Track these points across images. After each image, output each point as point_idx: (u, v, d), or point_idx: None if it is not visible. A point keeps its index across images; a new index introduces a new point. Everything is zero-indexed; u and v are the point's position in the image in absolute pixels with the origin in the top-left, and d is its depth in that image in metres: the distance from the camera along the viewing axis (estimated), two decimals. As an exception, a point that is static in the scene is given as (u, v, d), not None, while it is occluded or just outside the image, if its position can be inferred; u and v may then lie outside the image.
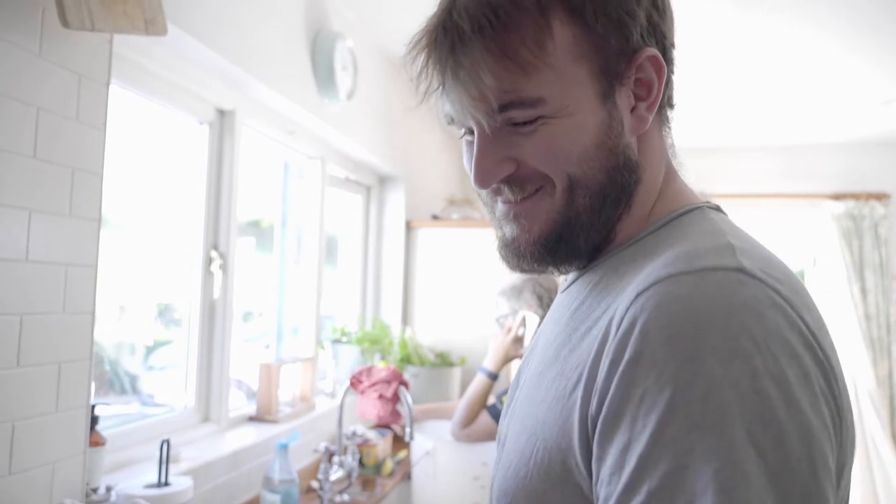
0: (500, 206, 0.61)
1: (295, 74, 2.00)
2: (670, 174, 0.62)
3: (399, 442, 2.67)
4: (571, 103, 0.54)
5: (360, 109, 2.51)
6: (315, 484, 1.90)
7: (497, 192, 0.60)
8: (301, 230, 2.53)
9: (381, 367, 1.88)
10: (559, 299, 0.67)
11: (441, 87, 0.55)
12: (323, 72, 2.09)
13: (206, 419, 1.84)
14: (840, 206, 4.02)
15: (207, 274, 1.83)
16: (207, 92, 1.76)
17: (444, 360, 2.87)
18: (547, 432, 0.52)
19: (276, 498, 1.59)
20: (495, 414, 1.89)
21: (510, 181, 0.58)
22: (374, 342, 2.50)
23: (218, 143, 1.87)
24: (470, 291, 3.07)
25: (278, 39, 1.89)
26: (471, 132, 0.59)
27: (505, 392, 1.96)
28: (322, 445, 1.83)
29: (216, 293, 1.84)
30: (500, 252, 0.63)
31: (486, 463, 2.00)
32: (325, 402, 2.40)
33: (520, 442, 0.56)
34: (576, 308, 0.58)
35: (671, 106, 0.62)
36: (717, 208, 0.60)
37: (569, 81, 0.54)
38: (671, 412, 0.42)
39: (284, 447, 1.63)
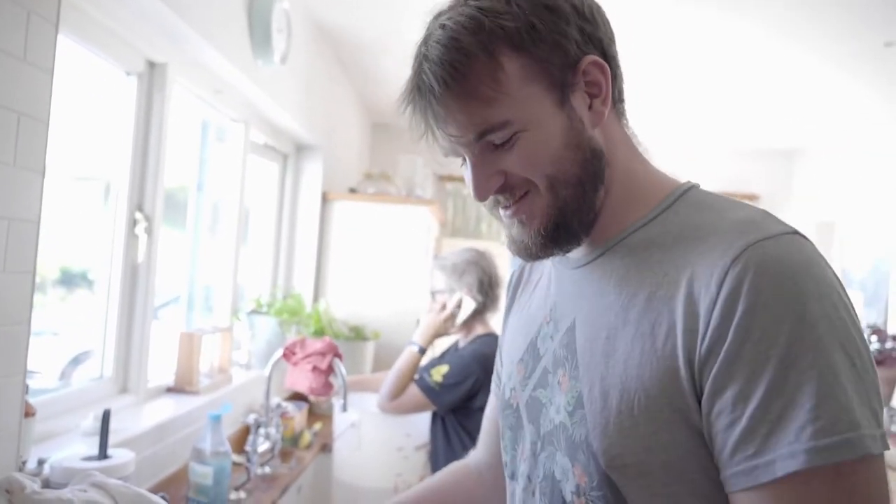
0: (502, 214, 0.72)
1: (231, 32, 1.91)
2: (642, 160, 0.73)
3: (313, 414, 2.66)
4: (534, 117, 0.65)
5: (289, 74, 2.43)
6: (238, 458, 1.86)
7: (496, 203, 0.71)
8: (218, 196, 2.42)
9: (316, 339, 1.87)
10: (573, 275, 0.74)
11: (430, 132, 0.68)
12: (259, 32, 2.01)
13: (124, 390, 1.74)
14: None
15: (131, 237, 1.72)
16: (140, 41, 1.64)
17: (358, 334, 2.87)
18: (647, 383, 0.60)
19: (208, 470, 1.54)
20: (424, 387, 1.94)
21: (502, 191, 0.69)
22: (292, 314, 2.46)
23: (146, 98, 1.75)
24: (385, 266, 3.09)
25: (218, -7, 1.79)
26: (464, 160, 0.71)
27: (432, 366, 2.01)
28: (251, 417, 1.79)
29: (140, 257, 1.74)
30: (511, 249, 0.72)
31: (410, 434, 2.05)
32: (240, 373, 2.34)
33: (612, 399, 0.63)
34: (621, 278, 0.67)
35: (621, 100, 0.72)
36: (698, 185, 0.72)
37: (526, 101, 0.65)
38: (790, 342, 0.54)
39: (217, 418, 1.58)
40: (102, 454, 1.20)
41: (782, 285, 0.56)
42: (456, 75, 0.63)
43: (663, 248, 0.64)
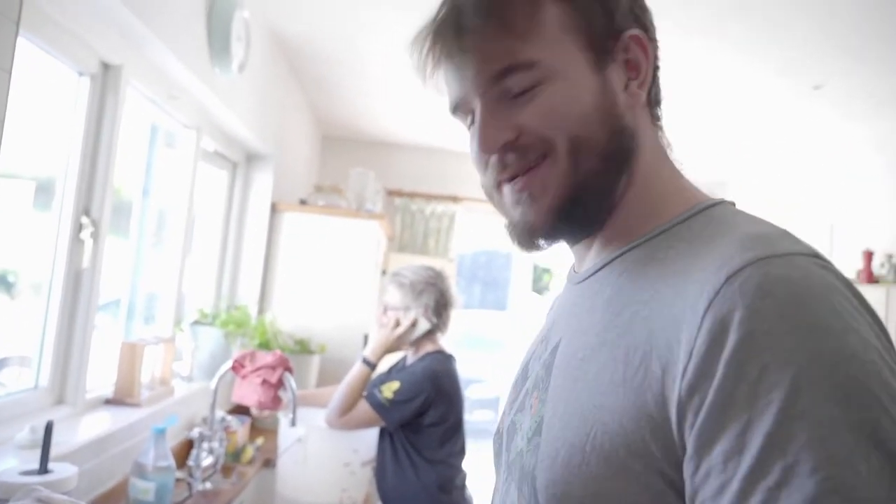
0: (506, 193, 0.62)
1: (190, 37, 1.88)
2: (675, 171, 0.65)
3: (255, 428, 2.60)
4: (564, 67, 0.58)
5: (245, 83, 2.40)
6: (179, 473, 1.80)
7: (503, 169, 0.61)
8: (164, 203, 2.36)
9: (266, 353, 1.84)
10: (575, 290, 0.66)
11: (446, 64, 0.61)
12: (218, 39, 1.99)
13: (60, 401, 1.66)
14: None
15: (76, 241, 1.66)
16: (96, 40, 1.59)
17: (303, 348, 2.83)
18: (606, 416, 0.50)
19: (150, 486, 1.49)
20: (374, 402, 1.93)
21: (513, 149, 0.59)
22: (238, 325, 2.41)
23: (99, 100, 1.70)
24: (332, 279, 3.06)
25: (178, -2, 1.77)
26: (472, 120, 0.63)
27: (382, 382, 2.01)
28: (195, 431, 1.74)
29: (85, 263, 1.68)
30: (513, 236, 0.63)
31: (357, 450, 2.04)
32: (182, 385, 2.27)
33: (567, 429, 0.53)
34: (611, 295, 0.58)
35: (657, 103, 0.65)
36: (733, 203, 0.62)
37: (560, 49, 0.58)
38: (799, 386, 0.41)
39: (161, 431, 1.54)
40: (43, 468, 1.15)
41: (790, 313, 0.44)
42: (495, 2, 0.58)
43: (663, 262, 0.55)
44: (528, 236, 0.61)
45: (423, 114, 3.99)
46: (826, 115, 3.43)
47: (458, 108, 0.63)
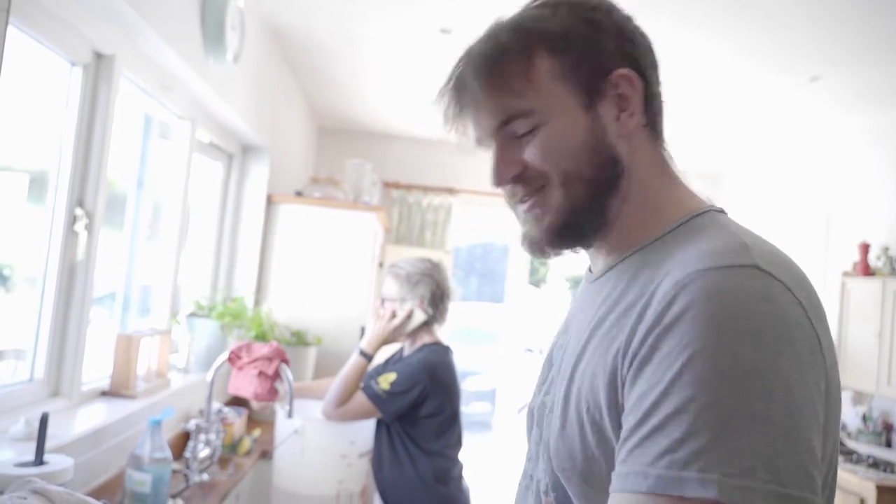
0: (519, 210, 0.75)
1: (184, 27, 1.86)
2: (672, 182, 0.74)
3: (253, 420, 2.60)
4: (557, 111, 0.69)
5: (239, 74, 2.39)
6: (175, 465, 1.80)
7: (514, 195, 0.74)
8: (159, 195, 2.35)
9: (263, 344, 1.83)
10: (589, 288, 0.77)
11: (464, 114, 0.74)
12: (213, 29, 1.97)
13: (56, 393, 1.66)
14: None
15: (70, 233, 1.65)
16: (88, 30, 1.58)
17: (300, 339, 2.83)
18: (595, 396, 0.62)
19: (146, 477, 1.49)
20: (370, 394, 1.93)
21: (520, 180, 0.72)
22: (234, 317, 2.41)
23: (92, 90, 1.69)
24: (329, 271, 3.06)
25: (172, -13, 1.75)
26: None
27: (379, 373, 2.00)
28: (192, 422, 1.74)
29: (79, 255, 1.67)
30: (524, 245, 0.76)
31: (354, 442, 2.04)
32: (178, 377, 2.27)
33: (569, 407, 0.66)
34: (608, 294, 0.69)
35: (656, 122, 0.75)
36: (722, 210, 0.71)
37: (552, 96, 0.70)
38: (683, 370, 0.53)
39: (158, 423, 1.53)
40: (39, 460, 1.15)
41: (706, 313, 0.54)
42: (491, 66, 0.70)
43: (651, 267, 0.65)
44: (535, 247, 0.74)
45: (420, 105, 3.98)
46: (822, 106, 3.43)
47: (481, 143, 0.76)
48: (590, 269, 0.80)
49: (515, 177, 0.72)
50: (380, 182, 4.35)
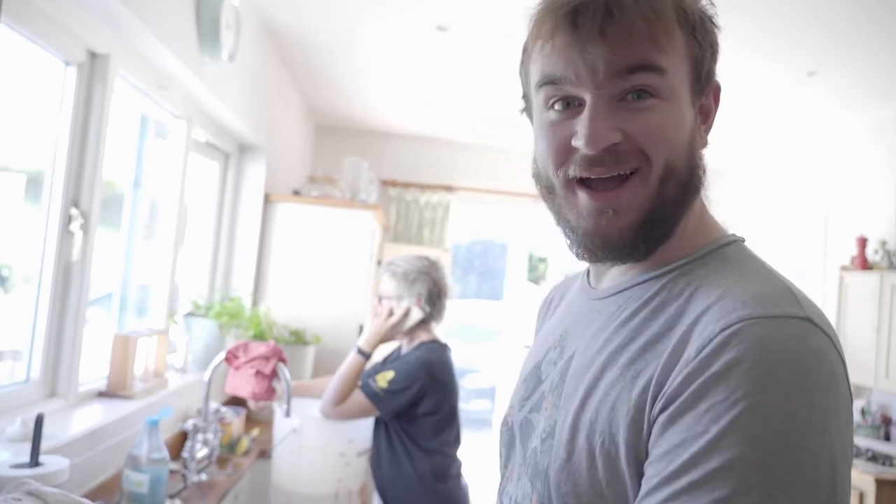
0: (583, 198, 0.63)
1: (178, 25, 1.86)
2: (703, 204, 0.68)
3: (251, 420, 2.60)
4: (679, 92, 0.61)
5: (235, 73, 2.38)
6: (173, 465, 1.80)
7: (590, 166, 0.61)
8: (156, 194, 2.34)
9: (260, 343, 1.83)
10: (592, 304, 0.70)
11: (578, 44, 0.59)
12: (208, 28, 1.96)
13: (52, 394, 1.65)
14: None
15: (66, 233, 1.65)
16: (83, 29, 1.57)
17: (298, 338, 2.83)
18: (613, 429, 0.57)
19: (144, 478, 1.49)
20: (368, 392, 1.93)
21: (614, 151, 0.60)
22: (232, 317, 2.40)
23: (86, 90, 1.68)
24: (327, 270, 3.06)
25: (166, -15, 1.75)
26: (566, 105, 0.62)
27: (376, 371, 2.00)
28: (189, 422, 1.74)
29: (75, 255, 1.66)
30: (577, 242, 0.65)
31: (353, 440, 2.04)
32: (175, 377, 2.26)
33: (579, 436, 0.60)
34: (628, 317, 0.63)
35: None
36: (743, 239, 0.68)
37: (680, 73, 0.62)
38: (733, 425, 0.49)
39: (155, 423, 1.53)
40: (34, 461, 1.14)
41: (763, 367, 0.51)
42: (644, 2, 0.59)
43: (679, 298, 0.60)
44: (599, 248, 0.63)
45: (417, 103, 3.97)
46: (821, 102, 3.42)
47: (555, 83, 0.62)
48: (589, 282, 0.74)
49: (610, 147, 0.60)
50: (377, 180, 4.34)
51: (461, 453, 2.05)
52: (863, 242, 3.49)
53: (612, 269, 0.69)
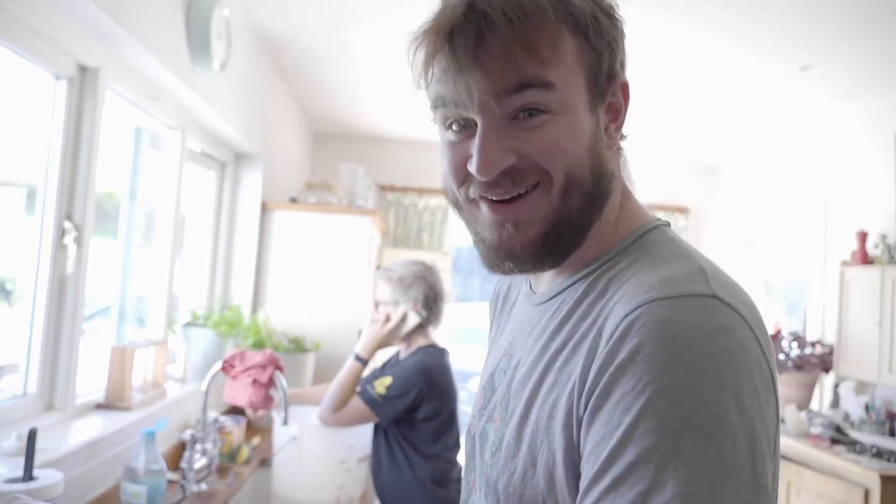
0: (485, 212, 0.62)
1: (168, 37, 1.86)
2: (626, 192, 0.68)
3: (251, 429, 2.59)
4: (573, 103, 0.59)
5: (228, 82, 2.39)
6: (172, 475, 1.80)
7: (489, 188, 0.60)
8: (152, 205, 2.35)
9: (256, 352, 1.83)
10: (534, 311, 0.69)
11: (455, 70, 0.57)
12: (198, 38, 1.97)
13: (49, 407, 1.65)
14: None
15: (59, 246, 1.65)
16: (72, 43, 1.58)
17: (298, 346, 2.83)
18: (551, 436, 0.56)
19: (142, 489, 1.49)
20: (367, 399, 1.93)
21: (510, 173, 0.59)
22: (231, 326, 2.40)
23: (77, 103, 1.69)
24: (326, 277, 3.06)
25: (155, -3, 1.75)
26: (462, 126, 0.61)
27: (375, 377, 2.00)
28: (187, 433, 1.74)
29: (69, 268, 1.67)
30: (484, 255, 0.64)
31: (352, 447, 2.04)
32: (175, 388, 2.26)
33: (522, 448, 0.59)
34: (561, 321, 0.62)
35: (623, 137, 0.68)
36: (668, 224, 0.67)
37: (572, 83, 0.59)
38: (642, 414, 0.48)
39: (151, 435, 1.53)
40: (28, 475, 1.14)
41: (664, 350, 0.49)
42: (522, 17, 0.57)
43: (603, 294, 0.60)
44: (502, 260, 0.63)
45: (413, 107, 3.97)
46: (816, 95, 3.41)
47: (447, 105, 0.60)
48: (531, 288, 0.72)
49: (507, 169, 0.59)
50: (375, 185, 4.34)
51: (461, 458, 2.04)
52: (863, 237, 3.47)
53: (547, 273, 0.68)
